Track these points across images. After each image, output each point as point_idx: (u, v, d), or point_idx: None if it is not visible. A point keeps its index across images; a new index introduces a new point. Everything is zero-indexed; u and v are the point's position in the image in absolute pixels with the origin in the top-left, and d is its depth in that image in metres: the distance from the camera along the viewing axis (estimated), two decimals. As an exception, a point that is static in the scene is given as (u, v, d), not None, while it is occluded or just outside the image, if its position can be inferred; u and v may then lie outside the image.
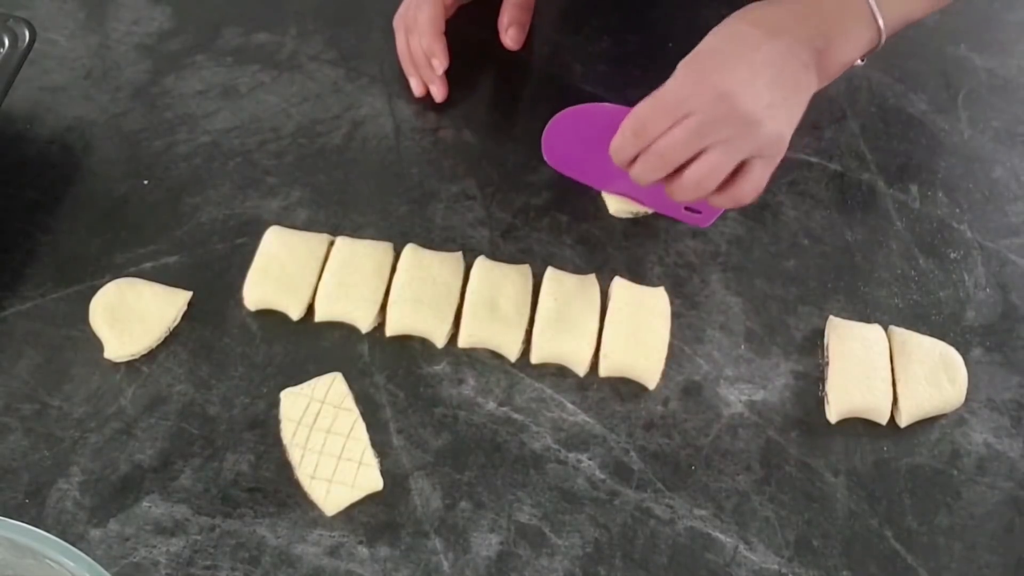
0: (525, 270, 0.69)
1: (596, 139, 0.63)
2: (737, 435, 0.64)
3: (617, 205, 0.72)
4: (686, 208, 0.70)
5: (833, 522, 0.61)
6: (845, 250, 0.73)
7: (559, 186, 0.74)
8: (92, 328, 0.65)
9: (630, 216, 0.73)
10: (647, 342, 0.65)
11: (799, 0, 0.60)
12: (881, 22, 0.61)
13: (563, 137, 0.68)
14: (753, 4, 0.61)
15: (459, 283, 0.68)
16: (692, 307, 0.69)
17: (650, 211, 0.73)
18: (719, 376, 0.67)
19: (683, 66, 0.59)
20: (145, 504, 0.60)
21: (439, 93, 0.77)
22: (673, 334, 0.67)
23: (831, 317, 0.69)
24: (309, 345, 0.66)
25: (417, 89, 0.78)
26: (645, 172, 0.60)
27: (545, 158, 0.70)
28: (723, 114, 0.57)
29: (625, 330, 0.65)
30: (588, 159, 0.68)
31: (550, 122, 0.67)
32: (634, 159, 0.60)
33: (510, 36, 0.78)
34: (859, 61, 0.64)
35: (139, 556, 0.58)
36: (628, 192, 0.71)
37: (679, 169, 0.59)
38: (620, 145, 0.61)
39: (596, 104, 0.66)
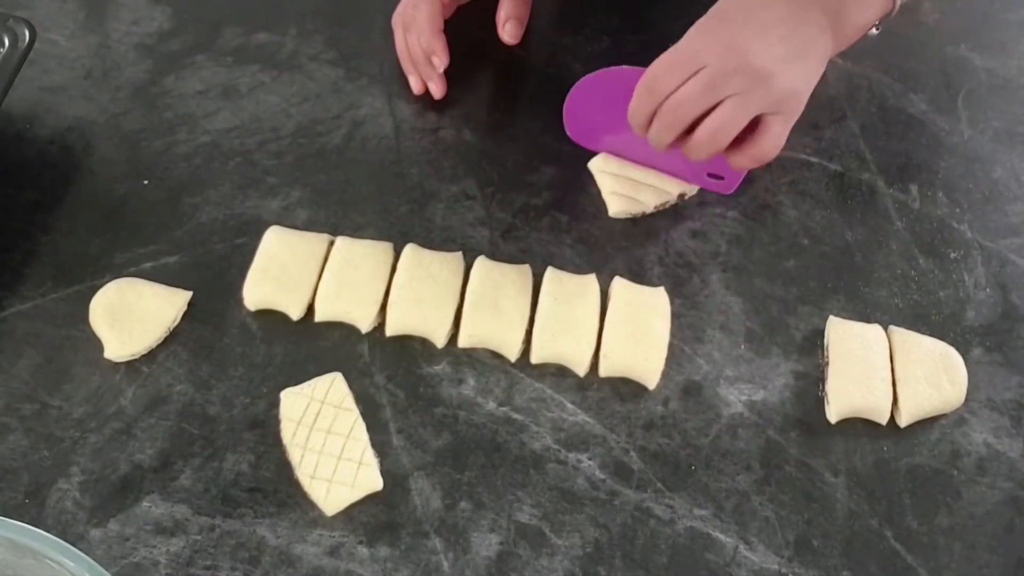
0: (525, 270, 0.69)
1: (616, 105, 0.63)
2: (737, 435, 0.64)
3: (617, 207, 0.72)
4: (709, 175, 0.69)
5: (833, 522, 0.61)
6: (845, 250, 0.73)
7: (559, 186, 0.74)
8: (92, 328, 0.65)
9: (629, 217, 0.73)
10: (647, 342, 0.65)
11: None
12: None
13: (584, 107, 0.67)
14: None
15: (459, 283, 0.68)
16: (692, 307, 0.69)
17: (650, 211, 0.73)
18: (719, 376, 0.67)
19: (696, 25, 0.60)
20: (145, 504, 0.60)
21: (438, 90, 0.77)
22: (673, 334, 0.67)
23: (831, 317, 0.69)
24: (309, 345, 0.66)
25: (416, 87, 0.78)
26: (660, 132, 0.61)
27: (567, 132, 0.69)
28: (734, 66, 0.57)
29: (625, 330, 0.65)
30: (610, 127, 0.68)
31: (570, 92, 0.67)
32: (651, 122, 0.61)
33: (508, 31, 0.78)
34: (874, 29, 0.64)
35: (139, 556, 0.58)
36: (652, 161, 0.71)
37: (694, 127, 0.59)
38: (636, 106, 0.61)
39: (614, 68, 0.65)
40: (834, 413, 0.65)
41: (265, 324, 0.67)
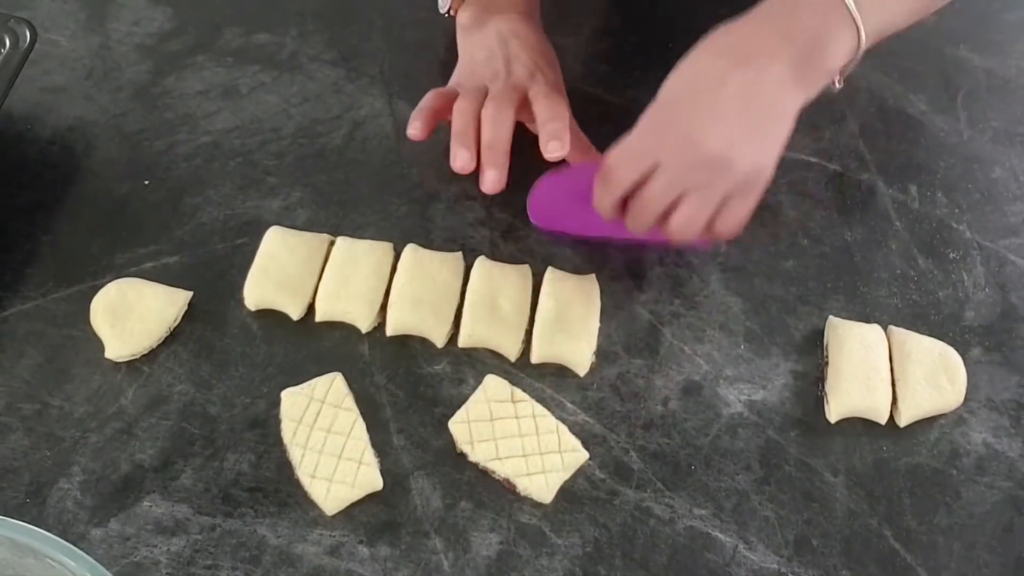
0: (525, 270, 0.69)
1: (582, 198, 0.63)
2: (737, 435, 0.64)
3: None
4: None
5: (832, 522, 0.62)
6: (844, 250, 0.73)
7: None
8: (93, 328, 0.65)
9: None
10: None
11: (774, 11, 0.57)
12: (862, 29, 0.57)
13: (551, 200, 0.67)
14: (724, 26, 0.58)
15: (459, 283, 0.68)
16: (692, 307, 0.70)
17: None
18: (719, 376, 0.67)
19: (646, 114, 0.58)
20: (146, 504, 0.60)
21: (496, 183, 0.64)
22: (673, 334, 0.67)
23: (831, 317, 0.69)
24: (309, 345, 0.66)
25: (464, 162, 0.64)
26: (635, 223, 0.61)
27: (533, 221, 0.69)
28: (691, 161, 0.56)
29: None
30: (577, 216, 0.66)
31: (532, 191, 0.67)
32: (623, 209, 0.61)
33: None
34: (836, 84, 0.62)
35: (140, 556, 0.58)
36: (622, 235, 0.66)
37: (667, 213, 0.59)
38: (599, 199, 0.61)
39: (573, 166, 0.66)
40: (834, 413, 0.65)
41: (265, 324, 0.67)
